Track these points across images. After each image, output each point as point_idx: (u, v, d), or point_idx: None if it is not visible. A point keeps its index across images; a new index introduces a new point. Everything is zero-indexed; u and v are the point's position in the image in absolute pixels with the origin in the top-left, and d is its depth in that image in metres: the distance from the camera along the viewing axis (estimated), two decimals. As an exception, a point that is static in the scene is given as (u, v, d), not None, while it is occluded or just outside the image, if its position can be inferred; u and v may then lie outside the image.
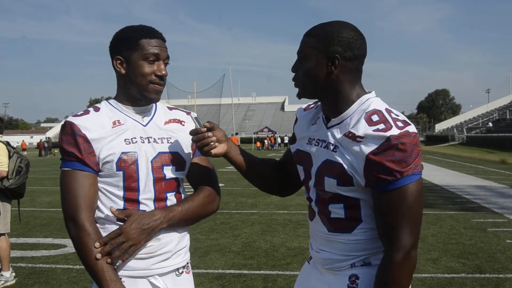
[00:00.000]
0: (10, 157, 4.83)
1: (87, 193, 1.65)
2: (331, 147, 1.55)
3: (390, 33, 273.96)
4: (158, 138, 1.77)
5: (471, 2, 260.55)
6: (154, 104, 1.84)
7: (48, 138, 46.26)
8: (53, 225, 8.01)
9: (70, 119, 1.70)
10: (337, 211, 1.59)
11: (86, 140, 1.66)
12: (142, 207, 1.70)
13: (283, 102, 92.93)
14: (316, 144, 1.63)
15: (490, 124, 54.57)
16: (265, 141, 51.78)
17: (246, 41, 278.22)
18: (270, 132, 57.92)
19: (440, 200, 10.66)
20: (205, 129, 1.71)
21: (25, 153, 43.01)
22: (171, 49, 1.80)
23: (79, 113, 1.73)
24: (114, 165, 1.66)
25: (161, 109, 1.88)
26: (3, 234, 4.93)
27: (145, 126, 1.78)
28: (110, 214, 1.68)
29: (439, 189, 12.86)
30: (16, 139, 60.21)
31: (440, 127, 73.43)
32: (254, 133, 63.40)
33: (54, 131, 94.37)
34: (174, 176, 1.78)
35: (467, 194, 11.53)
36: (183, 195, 1.82)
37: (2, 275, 4.91)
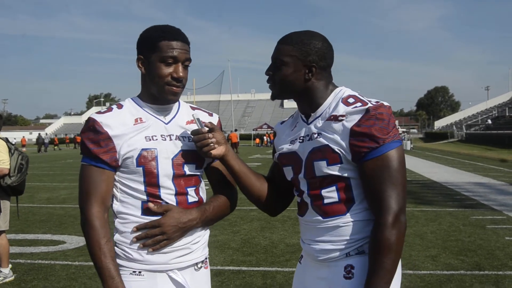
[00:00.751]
0: (11, 154, 4.79)
1: (99, 189, 1.70)
2: (315, 136, 1.66)
3: (390, 31, 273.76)
4: (181, 136, 1.81)
5: (470, 0, 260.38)
6: (178, 103, 1.88)
7: (39, 134, 46.07)
8: (52, 221, 7.94)
9: (94, 116, 1.74)
10: (330, 194, 1.65)
11: (108, 137, 1.70)
12: (164, 201, 1.74)
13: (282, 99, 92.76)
14: (300, 141, 1.72)
15: (489, 121, 54.57)
16: (264, 137, 51.72)
17: (245, 38, 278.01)
18: (269, 129, 57.88)
19: (439, 197, 10.66)
20: (206, 129, 1.74)
21: (24, 149, 42.89)
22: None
23: (102, 111, 1.78)
24: (135, 161, 1.71)
25: (184, 108, 1.90)
26: (3, 231, 4.92)
27: (166, 124, 1.81)
28: (132, 209, 1.73)
29: (438, 186, 12.87)
30: (15, 135, 60.09)
31: (439, 124, 73.55)
32: (253, 130, 63.41)
33: (53, 128, 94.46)
34: (194, 173, 1.82)
35: (466, 191, 11.53)
36: (201, 190, 1.86)
37: (1, 271, 4.90)
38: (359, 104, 1.60)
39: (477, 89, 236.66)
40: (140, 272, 1.71)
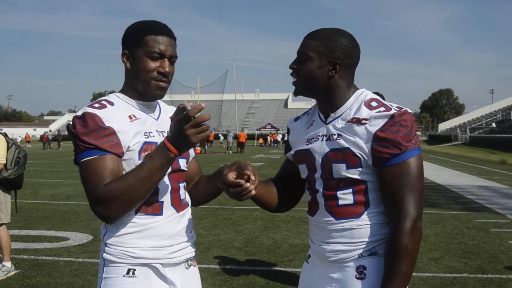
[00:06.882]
0: (8, 148, 4.87)
1: (110, 170, 1.58)
2: (334, 137, 1.64)
3: (394, 33, 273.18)
4: None
5: (476, 3, 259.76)
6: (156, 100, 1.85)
7: (59, 131, 46.51)
8: (55, 217, 7.98)
9: (92, 110, 1.62)
10: (345, 197, 1.64)
11: (112, 132, 1.61)
12: (160, 197, 1.71)
13: (287, 99, 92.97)
14: (316, 140, 1.70)
15: (494, 125, 54.32)
16: (268, 137, 51.67)
17: (250, 38, 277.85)
18: (273, 129, 57.86)
19: (443, 200, 10.63)
20: (243, 181, 1.59)
21: (29, 145, 42.97)
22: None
23: (96, 105, 1.66)
24: (137, 154, 1.66)
25: (163, 104, 1.93)
26: (3, 224, 4.94)
27: (157, 120, 1.81)
28: None
29: (442, 188, 12.83)
30: (19, 132, 60.31)
31: (443, 127, 73.23)
32: (257, 130, 63.36)
33: (57, 124, 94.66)
34: (184, 168, 1.84)
35: (469, 194, 11.50)
36: (186, 187, 1.89)
37: (4, 265, 4.93)
38: (382, 108, 1.59)
39: (482, 92, 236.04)
40: (133, 272, 1.67)
